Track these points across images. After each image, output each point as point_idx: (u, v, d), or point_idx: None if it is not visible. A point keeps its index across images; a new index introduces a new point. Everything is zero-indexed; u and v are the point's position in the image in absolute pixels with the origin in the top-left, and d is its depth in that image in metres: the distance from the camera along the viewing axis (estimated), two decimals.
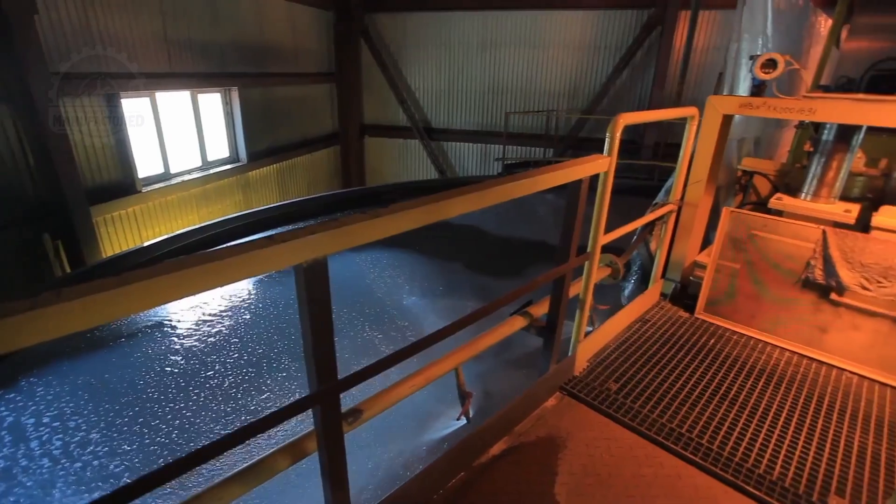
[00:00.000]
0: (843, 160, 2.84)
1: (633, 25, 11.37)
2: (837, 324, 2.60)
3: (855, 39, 4.53)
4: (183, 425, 3.77)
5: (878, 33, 4.37)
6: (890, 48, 4.30)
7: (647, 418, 2.25)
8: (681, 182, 3.08)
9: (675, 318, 3.10)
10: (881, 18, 4.29)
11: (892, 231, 2.51)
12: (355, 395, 1.81)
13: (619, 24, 11.52)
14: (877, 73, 4.06)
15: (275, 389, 4.21)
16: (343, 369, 1.35)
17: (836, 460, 2.02)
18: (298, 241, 1.13)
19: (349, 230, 1.23)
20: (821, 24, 5.08)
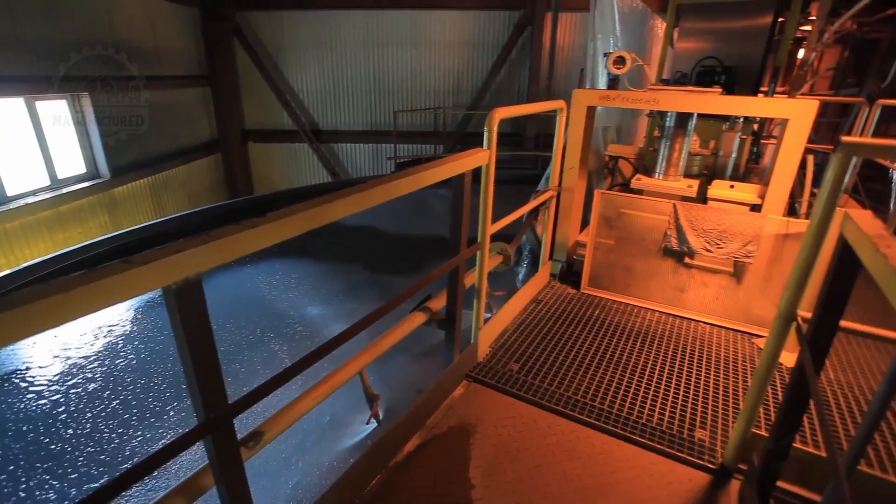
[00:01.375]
0: (682, 143, 3.29)
1: (507, 25, 12.05)
2: (692, 283, 3.03)
3: (684, 40, 5.24)
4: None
5: (700, 35, 5.10)
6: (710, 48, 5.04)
7: (547, 391, 2.42)
8: (557, 170, 3.34)
9: (565, 295, 3.37)
10: (701, 24, 5.00)
11: (722, 200, 2.98)
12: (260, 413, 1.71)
13: (495, 24, 12.14)
14: (702, 69, 4.75)
15: (177, 424, 3.82)
16: (248, 389, 1.27)
17: (698, 399, 2.35)
18: (164, 260, 1.03)
19: (223, 244, 1.15)
20: (658, 27, 5.81)
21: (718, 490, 1.91)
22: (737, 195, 3.03)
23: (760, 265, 2.76)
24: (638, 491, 1.91)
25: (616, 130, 5.35)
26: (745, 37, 5.01)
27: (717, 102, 2.84)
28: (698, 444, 2.09)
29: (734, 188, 3.07)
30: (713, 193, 3.06)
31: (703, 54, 4.99)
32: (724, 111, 2.89)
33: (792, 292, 1.59)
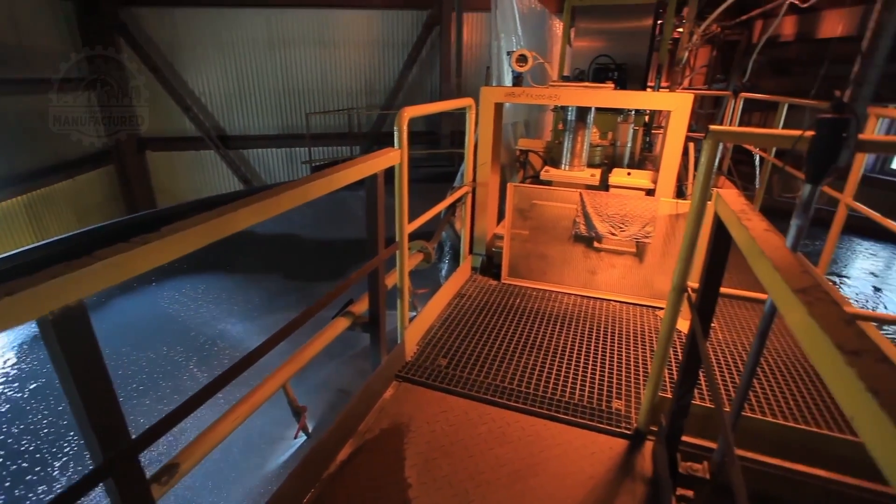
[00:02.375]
0: (584, 135, 3.52)
1: (416, 24, 12.12)
2: (601, 265, 3.25)
3: (580, 40, 5.58)
4: None
5: (594, 35, 5.45)
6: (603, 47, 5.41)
7: (476, 382, 2.48)
8: (470, 165, 3.43)
9: (487, 287, 3.47)
10: (594, 24, 5.36)
11: (621, 187, 3.23)
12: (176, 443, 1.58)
13: (403, 23, 12.15)
14: (597, 66, 5.08)
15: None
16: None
17: (613, 372, 2.54)
18: (36, 289, 0.92)
19: (109, 266, 1.05)
20: (557, 27, 6.15)
21: (635, 452, 2.08)
22: (633, 181, 3.30)
23: (658, 244, 3.04)
24: (565, 465, 2.02)
25: (525, 125, 5.60)
26: (631, 37, 5.44)
27: (610, 97, 3.08)
28: (615, 414, 2.25)
29: (631, 175, 3.35)
30: (613, 181, 3.32)
31: (597, 53, 5.34)
32: (617, 105, 3.14)
33: (681, 266, 1.77)
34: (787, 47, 10.46)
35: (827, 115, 1.34)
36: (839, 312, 0.79)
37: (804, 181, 1.40)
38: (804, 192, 1.39)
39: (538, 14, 5.82)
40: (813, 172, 1.36)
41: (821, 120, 1.35)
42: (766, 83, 9.69)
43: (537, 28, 5.85)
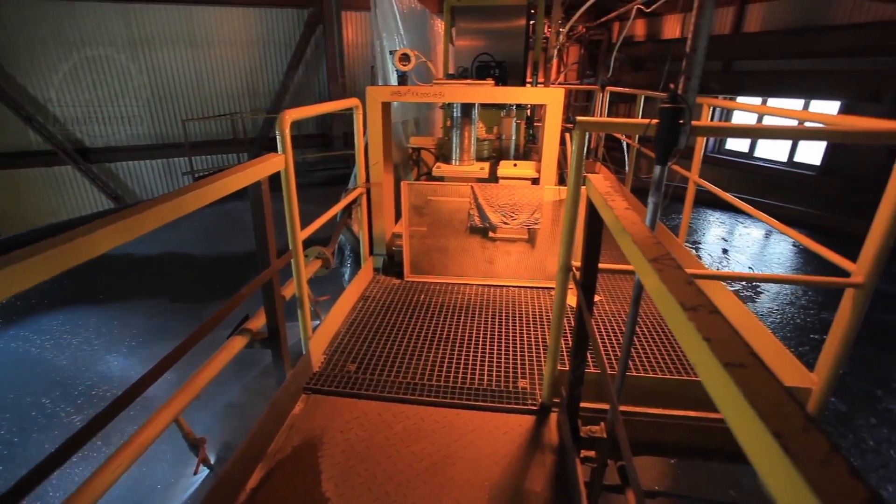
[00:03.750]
0: (470, 130, 3.66)
1: (297, 23, 11.63)
2: (498, 254, 3.41)
3: (461, 39, 5.76)
4: None
5: (474, 35, 5.66)
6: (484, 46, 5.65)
7: (387, 382, 2.47)
8: (362, 166, 3.38)
9: (390, 286, 3.46)
10: (474, 24, 5.57)
11: (509, 178, 3.42)
12: None
13: (284, 22, 11.59)
14: (479, 64, 5.29)
15: None
16: None
17: (517, 354, 2.68)
18: None
19: None
20: (439, 26, 6.29)
21: (542, 426, 2.22)
22: (520, 172, 3.50)
23: (546, 229, 3.26)
24: (480, 448, 2.10)
25: (415, 123, 5.66)
26: (508, 36, 5.74)
27: (491, 93, 3.23)
28: (522, 393, 2.38)
29: (517, 166, 3.55)
30: (501, 172, 3.49)
31: (479, 51, 5.56)
32: (498, 100, 3.30)
33: (565, 247, 1.92)
34: (640, 46, 11.79)
35: (665, 105, 1.53)
36: (682, 275, 0.91)
37: (655, 163, 1.60)
38: (655, 173, 1.58)
39: (419, 13, 5.90)
40: (660, 155, 1.55)
41: (661, 109, 1.54)
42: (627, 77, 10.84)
43: (419, 27, 5.93)
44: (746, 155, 9.78)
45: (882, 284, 1.69)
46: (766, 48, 8.59)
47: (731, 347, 0.69)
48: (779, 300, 5.00)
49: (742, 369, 0.64)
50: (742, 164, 9.70)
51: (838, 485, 0.47)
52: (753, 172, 9.44)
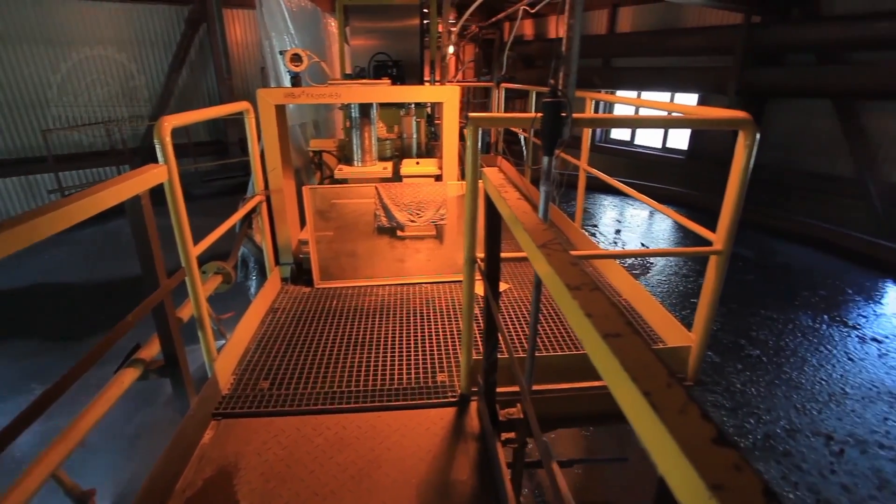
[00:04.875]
0: (370, 130, 3.62)
1: (177, 21, 10.67)
2: (408, 252, 3.42)
3: (356, 38, 5.67)
4: None
5: (369, 34, 5.60)
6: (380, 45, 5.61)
7: (304, 395, 2.38)
8: (259, 173, 3.21)
9: (300, 295, 3.33)
10: (368, 23, 5.51)
11: (412, 176, 3.44)
12: None
13: (161, 19, 10.56)
14: (376, 64, 5.25)
15: None
16: None
17: (434, 349, 2.72)
18: None
19: None
20: (333, 25, 6.13)
21: (463, 415, 2.27)
22: (422, 170, 3.54)
23: (453, 223, 3.33)
24: (405, 448, 2.10)
25: (314, 125, 5.47)
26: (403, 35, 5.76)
27: (387, 92, 3.22)
28: (441, 386, 2.42)
29: (420, 164, 3.58)
30: (404, 171, 3.50)
31: (375, 50, 5.52)
32: (395, 99, 3.30)
33: (468, 240, 1.97)
34: (530, 45, 12.46)
35: (548, 100, 1.64)
36: (568, 258, 0.98)
37: (542, 154, 1.70)
38: (543, 163, 1.69)
39: (310, 12, 5.71)
40: (546, 146, 1.66)
41: (544, 104, 1.64)
42: (521, 74, 11.40)
43: (311, 26, 5.74)
44: (628, 143, 10.78)
45: (739, 249, 1.96)
46: (636, 47, 9.52)
47: (609, 320, 0.75)
48: (665, 272, 5.58)
49: (618, 339, 0.71)
50: (625, 151, 10.68)
51: (692, 428, 0.54)
52: (634, 158, 10.44)
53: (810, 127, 7.52)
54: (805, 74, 7.01)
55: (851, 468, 2.45)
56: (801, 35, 6.94)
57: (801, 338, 3.82)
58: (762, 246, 6.28)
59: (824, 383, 3.18)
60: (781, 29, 7.15)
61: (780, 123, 7.88)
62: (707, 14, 8.38)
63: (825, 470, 2.44)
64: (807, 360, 3.49)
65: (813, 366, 3.40)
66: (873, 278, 5.41)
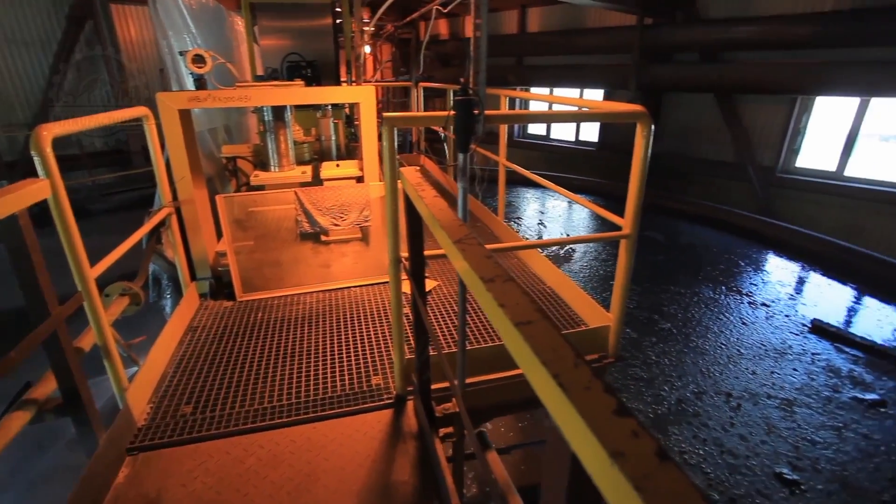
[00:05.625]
0: (285, 134, 3.49)
1: (55, 16, 9.56)
2: (333, 257, 3.35)
3: (266, 38, 5.43)
4: None
5: (280, 33, 5.39)
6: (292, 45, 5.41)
7: (232, 415, 2.25)
8: (165, 183, 2.98)
9: (222, 311, 3.14)
10: (277, 22, 5.29)
11: (333, 179, 3.37)
12: None
13: (32, 15, 9.41)
14: (289, 64, 5.07)
15: None
16: None
17: (367, 352, 2.68)
18: None
19: None
20: (240, 24, 5.82)
21: (400, 416, 2.27)
22: (343, 172, 3.47)
23: (378, 225, 3.30)
24: (343, 456, 2.05)
25: (226, 130, 5.18)
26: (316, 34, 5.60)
27: (301, 94, 3.12)
28: (376, 389, 2.40)
29: (340, 166, 3.51)
30: (325, 174, 3.42)
31: (287, 51, 5.32)
32: (309, 101, 3.20)
33: (392, 240, 1.97)
34: (446, 44, 12.62)
35: (459, 98, 1.67)
36: (483, 251, 1.01)
37: (457, 151, 1.73)
38: (459, 160, 1.72)
39: (213, 10, 5.38)
40: (460, 143, 1.69)
41: (455, 102, 1.67)
42: (438, 73, 11.53)
43: (214, 25, 5.41)
44: (544, 137, 11.28)
45: (651, 233, 2.13)
46: (545, 46, 9.97)
47: (521, 308, 0.79)
48: (586, 258, 5.92)
49: (529, 326, 0.75)
50: (542, 145, 11.17)
51: (596, 402, 0.58)
52: (551, 151, 10.95)
53: (699, 118, 8.31)
54: (690, 71, 7.75)
55: (746, 419, 2.76)
56: (683, 36, 7.66)
57: (705, 308, 4.23)
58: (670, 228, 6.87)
59: (724, 347, 3.55)
60: (668, 30, 7.83)
61: (676, 115, 8.64)
62: (607, 15, 8.97)
63: (726, 424, 2.73)
64: (709, 327, 3.87)
65: (714, 332, 3.78)
66: (759, 250, 6.10)
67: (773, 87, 6.79)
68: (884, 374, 3.17)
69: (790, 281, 5.06)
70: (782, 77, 6.58)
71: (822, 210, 6.96)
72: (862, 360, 3.30)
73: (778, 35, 6.55)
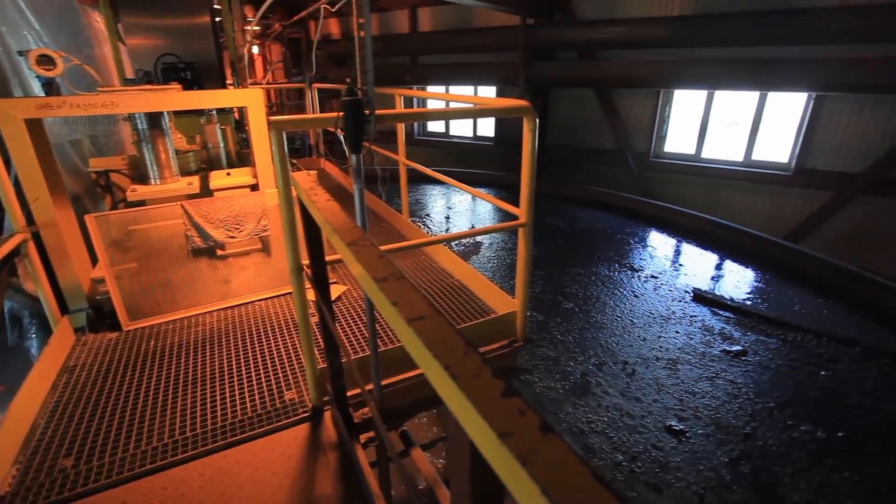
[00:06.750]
0: (165, 143, 3.19)
1: None
2: (232, 271, 3.14)
3: (133, 37, 4.91)
4: None
5: (150, 32, 4.89)
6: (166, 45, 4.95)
7: (126, 459, 2.03)
8: (16, 206, 2.58)
9: (106, 344, 2.80)
10: (145, 20, 4.79)
11: (224, 189, 3.15)
12: None
13: None
14: (165, 66, 4.64)
15: None
16: None
17: (276, 368, 2.56)
18: None
19: None
20: (99, 21, 5.19)
21: (318, 428, 2.20)
22: (235, 181, 3.26)
23: (278, 233, 3.15)
24: (260, 482, 1.94)
25: (92, 141, 4.60)
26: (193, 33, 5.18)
27: (178, 99, 2.86)
28: (291, 405, 2.30)
29: (231, 175, 3.29)
30: (214, 184, 3.18)
31: (161, 51, 4.86)
32: (188, 106, 2.95)
33: (291, 248, 1.89)
34: (338, 44, 12.34)
35: (347, 98, 1.65)
36: (376, 252, 1.01)
37: (349, 152, 1.71)
38: (352, 161, 1.70)
39: (59, 4, 4.74)
40: (352, 144, 1.67)
41: (344, 102, 1.65)
42: (333, 73, 11.24)
43: (65, 20, 4.78)
44: (444, 134, 11.52)
45: (552, 220, 2.27)
46: (438, 45, 10.16)
47: (413, 305, 0.81)
48: (494, 248, 6.15)
49: (421, 321, 0.76)
50: (442, 143, 11.39)
51: (484, 388, 0.61)
52: (451, 148, 11.22)
53: (583, 111, 9.01)
54: (570, 68, 8.39)
55: (640, 383, 3.07)
56: (562, 36, 8.26)
57: (602, 286, 4.61)
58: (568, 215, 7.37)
59: (619, 319, 3.91)
60: (548, 30, 8.39)
61: (562, 109, 9.27)
62: (493, 16, 9.36)
63: (624, 390, 3.01)
64: (606, 303, 4.23)
65: (611, 307, 4.14)
66: (644, 228, 6.78)
67: (640, 81, 7.58)
68: (748, 329, 3.70)
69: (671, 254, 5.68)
70: (647, 73, 7.38)
71: (687, 188, 7.97)
72: (732, 319, 3.82)
73: (640, 35, 7.32)
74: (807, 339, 3.54)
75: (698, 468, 2.45)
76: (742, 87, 6.68)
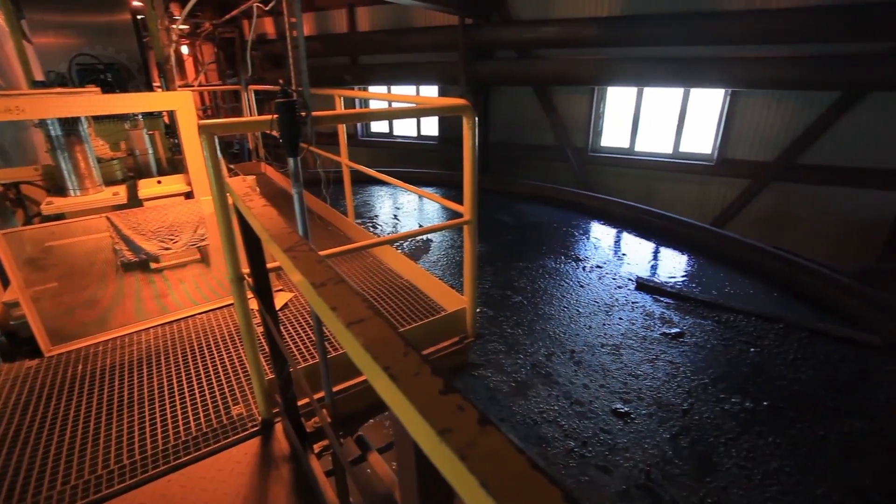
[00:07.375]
0: (84, 150, 2.96)
1: None
2: (170, 285, 2.96)
3: (41, 35, 4.54)
4: None
5: (61, 30, 4.54)
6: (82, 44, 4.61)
7: (53, 498, 1.87)
8: None
9: (25, 373, 2.57)
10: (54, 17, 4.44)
11: (154, 198, 2.97)
12: None
13: None
14: (81, 67, 4.32)
15: None
16: None
17: (221, 383, 2.45)
18: None
19: None
20: None
21: (269, 442, 2.13)
22: (166, 189, 3.08)
23: (216, 243, 3.01)
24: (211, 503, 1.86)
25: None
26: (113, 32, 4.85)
27: (96, 103, 2.66)
28: (239, 420, 2.21)
29: (162, 183, 3.11)
30: (144, 194, 2.99)
31: (75, 51, 4.53)
32: (108, 111, 2.75)
33: (230, 257, 1.82)
34: (275, 44, 11.93)
35: (280, 100, 1.60)
36: (314, 257, 0.99)
37: (287, 155, 1.66)
38: (290, 165, 1.66)
39: None
40: (289, 147, 1.63)
41: (277, 104, 1.60)
42: (270, 75, 10.86)
43: None
44: (388, 135, 11.44)
45: (501, 216, 2.30)
46: (377, 45, 10.06)
47: (352, 308, 0.80)
48: (443, 246, 6.18)
49: (360, 324, 0.76)
50: (386, 143, 11.31)
51: (424, 386, 0.62)
52: (395, 148, 11.17)
53: (523, 109, 9.23)
54: (509, 67, 8.57)
55: (587, 370, 3.20)
56: (499, 35, 8.43)
57: (549, 278, 4.75)
58: (515, 211, 7.51)
59: (566, 309, 4.04)
60: (486, 30, 8.53)
61: (503, 107, 9.46)
62: (432, 15, 9.39)
63: (572, 378, 3.13)
64: (554, 294, 4.36)
65: (558, 298, 4.28)
66: (587, 220, 7.04)
67: (575, 79, 7.88)
68: (686, 313, 3.94)
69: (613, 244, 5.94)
70: (581, 71, 7.67)
71: (624, 180, 8.39)
72: (672, 304, 4.06)
73: (573, 35, 7.60)
74: (738, 319, 3.83)
75: (643, 447, 2.58)
76: (668, 83, 7.10)
